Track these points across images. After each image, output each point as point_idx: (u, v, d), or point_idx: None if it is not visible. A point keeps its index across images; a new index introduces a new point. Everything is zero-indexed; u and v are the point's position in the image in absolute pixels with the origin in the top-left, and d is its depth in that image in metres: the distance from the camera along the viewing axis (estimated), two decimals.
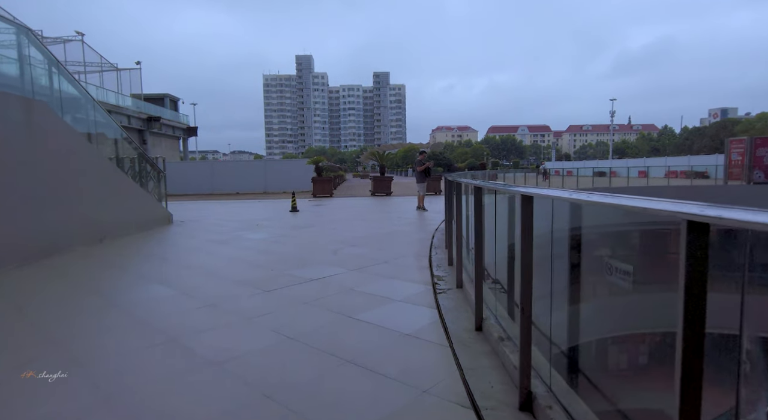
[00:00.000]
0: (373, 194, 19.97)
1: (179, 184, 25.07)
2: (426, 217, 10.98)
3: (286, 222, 10.41)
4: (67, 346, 3.16)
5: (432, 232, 8.50)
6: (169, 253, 6.89)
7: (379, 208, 13.82)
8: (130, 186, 8.83)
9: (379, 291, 4.41)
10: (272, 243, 7.40)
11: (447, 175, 6.93)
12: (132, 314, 3.83)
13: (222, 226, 9.77)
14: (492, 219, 3.58)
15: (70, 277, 5.23)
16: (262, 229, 9.07)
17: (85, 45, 32.90)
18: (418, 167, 12.46)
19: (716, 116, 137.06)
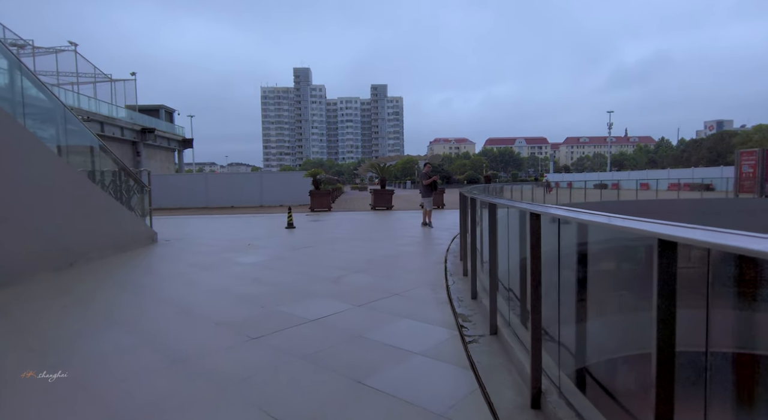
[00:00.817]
0: (374, 208, 19.13)
1: (173, 198, 24.21)
2: (434, 235, 10.12)
3: (281, 241, 9.53)
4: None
5: (443, 253, 7.63)
6: (145, 281, 5.99)
7: (381, 225, 12.97)
8: (106, 202, 7.95)
9: (394, 338, 3.53)
10: (264, 269, 6.51)
11: (466, 192, 6.10)
12: (67, 383, 2.93)
13: (210, 246, 8.88)
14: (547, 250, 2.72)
15: (10, 318, 4.32)
16: (254, 251, 8.19)
17: (78, 55, 32.23)
18: (425, 180, 11.63)
19: (712, 128, 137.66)
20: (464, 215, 6.68)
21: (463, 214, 6.69)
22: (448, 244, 8.56)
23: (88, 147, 8.20)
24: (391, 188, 21.20)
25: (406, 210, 18.66)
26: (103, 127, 30.81)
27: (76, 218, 7.00)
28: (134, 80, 39.09)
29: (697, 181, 35.02)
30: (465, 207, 6.65)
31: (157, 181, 24.91)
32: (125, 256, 7.65)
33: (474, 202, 4.74)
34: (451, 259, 6.93)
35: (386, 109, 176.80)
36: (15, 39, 27.12)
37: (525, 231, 2.89)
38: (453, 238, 9.45)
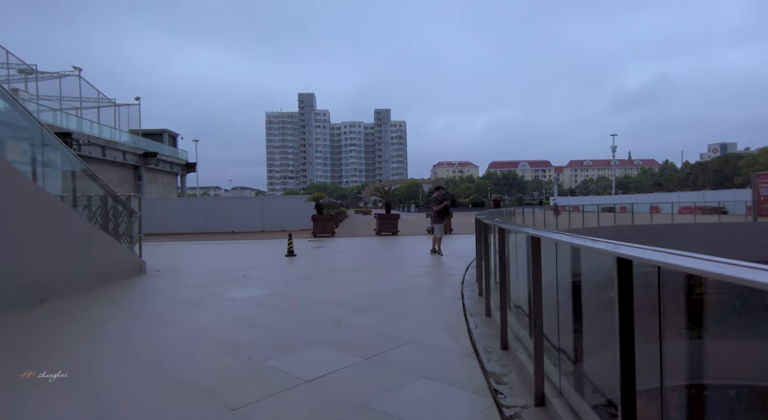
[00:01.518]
0: (378, 233, 18.39)
1: (172, 223, 23.59)
2: (445, 264, 9.34)
3: (279, 271, 8.77)
4: None
5: (457, 285, 6.86)
6: (119, 322, 5.22)
7: (387, 252, 12.21)
8: (87, 230, 7.25)
9: (410, 410, 2.75)
10: (258, 306, 5.75)
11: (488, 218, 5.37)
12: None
13: (202, 278, 8.14)
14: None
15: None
16: (249, 283, 7.43)
17: (82, 80, 32.27)
18: (435, 206, 10.92)
19: (716, 151, 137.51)
20: (484, 244, 5.95)
21: (485, 243, 5.95)
22: (463, 275, 7.78)
23: (69, 171, 7.56)
24: (396, 213, 20.50)
25: (412, 235, 17.91)
26: (105, 151, 30.53)
27: (49, 248, 6.30)
28: (138, 105, 39.14)
29: (709, 204, 34.20)
30: (484, 234, 5.91)
31: (157, 206, 24.36)
32: (106, 291, 6.90)
33: (504, 233, 4.01)
34: (469, 294, 6.15)
35: (389, 133, 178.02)
36: (19, 64, 27.14)
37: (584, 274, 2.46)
38: (467, 267, 8.68)
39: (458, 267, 8.82)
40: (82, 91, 33.19)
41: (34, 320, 5.17)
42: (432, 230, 18.32)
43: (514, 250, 4.03)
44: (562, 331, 2.85)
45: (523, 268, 3.89)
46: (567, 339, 2.84)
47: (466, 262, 9.49)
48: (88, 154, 28.74)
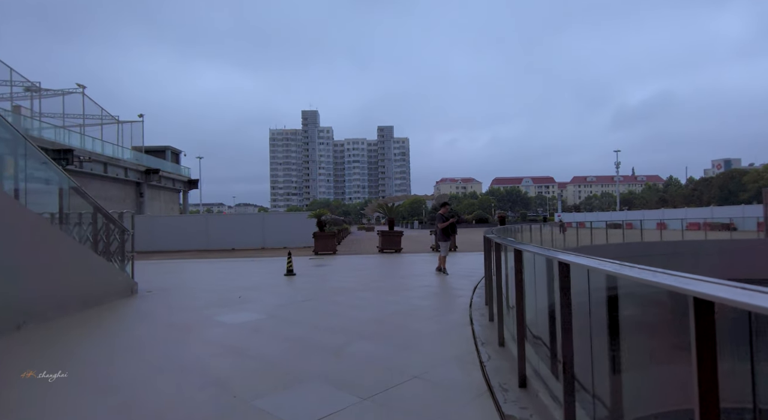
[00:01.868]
0: (381, 251, 17.95)
1: (172, 240, 23.25)
2: (451, 284, 8.89)
3: (277, 292, 8.34)
4: None
5: (465, 308, 6.41)
6: (97, 352, 4.79)
7: (390, 270, 11.76)
8: (72, 250, 6.87)
9: None
10: (250, 332, 5.31)
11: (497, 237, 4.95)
12: None
13: (195, 299, 7.71)
14: None
15: None
16: (243, 305, 7.00)
17: (85, 97, 32.36)
18: (440, 223, 10.53)
19: (720, 167, 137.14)
20: (495, 264, 5.53)
21: (496, 263, 5.53)
22: (470, 296, 7.33)
23: (56, 187, 7.21)
24: (400, 230, 20.07)
25: (416, 253, 17.46)
26: (107, 167, 30.42)
27: (29, 269, 5.91)
28: (141, 122, 39.23)
29: (718, 220, 33.64)
30: (495, 254, 5.49)
31: (156, 223, 24.07)
32: (90, 315, 6.48)
33: (520, 254, 3.59)
34: (479, 319, 5.70)
35: (392, 149, 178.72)
36: (23, 81, 27.22)
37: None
38: (474, 287, 8.23)
39: (465, 287, 8.37)
40: (86, 108, 33.29)
41: (3, 348, 4.76)
42: (437, 247, 17.83)
43: (530, 271, 3.62)
44: (596, 372, 2.42)
45: (542, 293, 3.48)
46: (602, 381, 2.41)
47: (473, 281, 9.04)
48: (90, 171, 28.63)
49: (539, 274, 3.46)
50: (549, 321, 3.19)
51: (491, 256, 5.88)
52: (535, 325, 3.65)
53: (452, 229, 10.64)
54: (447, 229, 10.40)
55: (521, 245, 3.50)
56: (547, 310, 3.31)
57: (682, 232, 22.35)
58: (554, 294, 2.83)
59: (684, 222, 35.28)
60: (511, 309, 4.34)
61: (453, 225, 10.58)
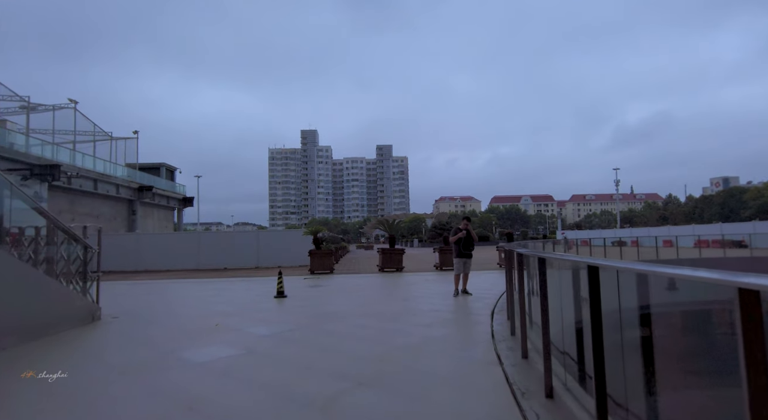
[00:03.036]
0: (382, 270, 16.77)
1: (161, 259, 22.05)
2: (464, 308, 7.73)
3: (262, 318, 7.17)
4: None
5: (487, 339, 5.27)
6: (13, 408, 3.63)
7: (393, 292, 10.60)
8: (14, 271, 5.74)
9: None
10: (217, 377, 4.15)
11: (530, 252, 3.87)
12: None
13: (164, 328, 6.55)
14: None
15: None
16: (219, 335, 5.84)
17: (77, 113, 31.55)
18: (452, 237, 9.36)
19: (718, 185, 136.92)
20: (527, 286, 4.44)
21: (528, 284, 4.44)
22: (489, 323, 6.19)
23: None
24: (401, 247, 18.94)
25: (419, 272, 16.29)
26: (97, 184, 29.39)
27: None
28: (136, 138, 38.40)
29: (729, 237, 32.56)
30: (527, 271, 4.40)
31: (144, 241, 22.90)
32: (27, 350, 5.30)
33: (595, 271, 2.48)
34: (507, 354, 4.55)
35: (391, 168, 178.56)
36: (11, 96, 26.42)
37: None
38: (492, 311, 7.09)
39: (481, 311, 7.22)
40: (78, 124, 32.42)
41: None
42: (441, 266, 16.63)
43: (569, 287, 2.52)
44: None
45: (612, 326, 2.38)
46: None
47: (488, 304, 7.90)
48: (79, 188, 27.60)
49: (611, 299, 2.37)
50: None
51: (519, 275, 4.79)
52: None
53: (468, 244, 9.19)
54: (461, 243, 9.15)
55: (602, 261, 2.40)
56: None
57: (699, 250, 21.21)
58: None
59: (684, 239, 34.30)
60: (564, 355, 3.23)
61: (469, 239, 9.21)
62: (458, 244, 9.16)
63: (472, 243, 9.18)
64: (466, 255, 9.10)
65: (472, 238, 9.19)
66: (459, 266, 9.16)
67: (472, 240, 9.20)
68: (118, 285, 14.08)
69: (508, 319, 6.04)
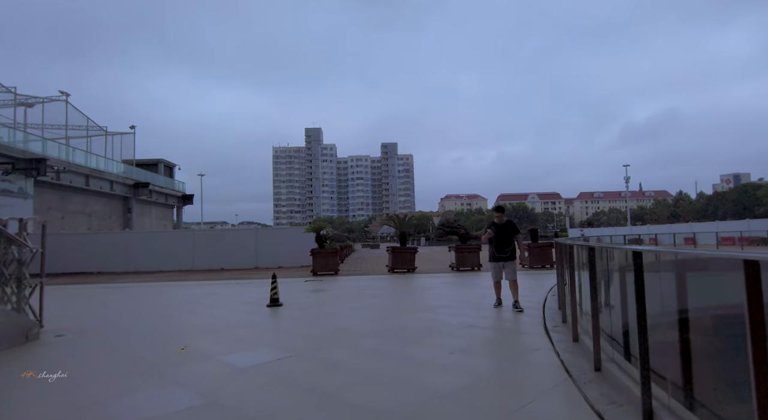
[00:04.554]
0: (392, 270, 15.09)
1: (153, 259, 20.47)
2: (502, 320, 6.01)
3: (243, 341, 5.48)
4: None
5: (554, 370, 3.57)
6: None
7: (410, 299, 8.91)
8: None
9: None
10: None
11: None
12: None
13: (112, 354, 4.89)
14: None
15: None
16: (175, 370, 4.18)
17: (69, 106, 30.04)
18: (483, 236, 7.43)
19: (729, 182, 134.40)
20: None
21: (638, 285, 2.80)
22: (549, 346, 4.49)
23: None
24: (414, 246, 17.23)
25: (433, 273, 14.59)
26: (89, 180, 27.85)
27: None
28: (133, 134, 36.91)
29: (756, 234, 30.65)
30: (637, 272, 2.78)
31: (134, 240, 21.31)
32: None
33: None
34: (598, 397, 2.85)
35: (396, 166, 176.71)
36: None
37: None
38: (543, 325, 5.39)
39: (529, 326, 5.52)
40: (71, 117, 30.94)
41: None
42: (457, 267, 14.90)
43: None
44: None
45: None
46: None
47: (532, 315, 6.21)
48: (69, 183, 26.06)
49: None
50: None
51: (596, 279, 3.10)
52: None
53: (501, 244, 7.07)
54: (496, 242, 7.12)
55: None
56: None
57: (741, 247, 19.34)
58: None
59: (707, 236, 32.35)
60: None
61: (504, 237, 7.09)
62: (491, 244, 7.22)
63: (510, 240, 7.09)
64: (502, 257, 7.06)
65: (508, 233, 7.11)
66: (495, 272, 7.18)
67: (510, 237, 7.11)
68: (96, 290, 12.49)
69: (560, 308, 4.41)
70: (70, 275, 18.84)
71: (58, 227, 25.37)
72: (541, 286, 9.69)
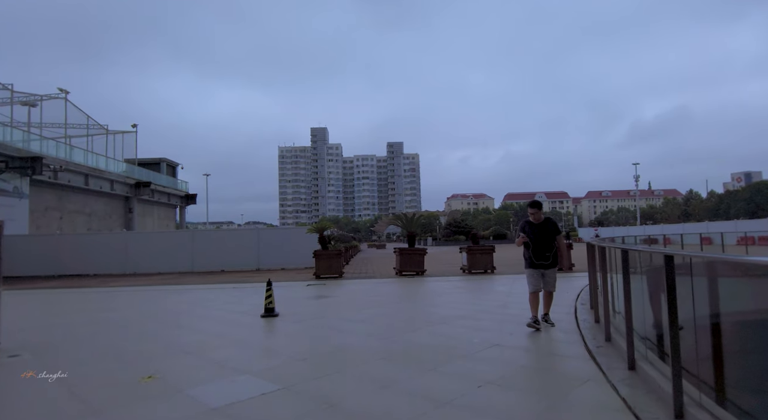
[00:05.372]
0: (400, 273, 14.18)
1: (151, 261, 19.70)
2: (538, 339, 5.06)
3: (224, 365, 4.57)
4: None
5: (615, 413, 2.63)
6: None
7: (422, 308, 7.99)
8: None
9: None
10: None
11: None
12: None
13: (61, 385, 4.02)
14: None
15: None
16: (128, 413, 3.30)
17: (68, 103, 29.40)
18: (518, 239, 5.93)
19: (740, 180, 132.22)
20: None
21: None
22: (598, 373, 3.55)
23: None
24: (423, 247, 16.31)
25: (444, 276, 13.66)
26: (88, 179, 27.16)
27: None
28: (135, 132, 36.25)
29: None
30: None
31: (132, 241, 20.54)
32: None
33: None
34: None
35: (402, 165, 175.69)
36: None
37: None
38: (584, 345, 4.45)
39: (567, 349, 4.59)
40: (71, 116, 30.30)
41: None
42: (469, 269, 13.89)
43: None
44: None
45: None
46: None
47: (567, 332, 5.27)
48: (67, 183, 25.40)
49: None
50: None
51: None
52: None
53: (539, 249, 5.69)
54: (532, 249, 5.74)
55: None
56: None
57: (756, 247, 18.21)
58: None
59: (725, 236, 31.05)
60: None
61: (544, 239, 5.70)
62: (527, 249, 5.84)
63: (551, 243, 5.72)
64: (542, 265, 5.70)
65: (548, 234, 5.72)
66: (533, 280, 5.74)
67: (550, 239, 5.73)
68: (82, 295, 11.70)
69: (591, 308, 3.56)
70: (65, 278, 18.11)
71: (56, 228, 24.72)
72: (564, 290, 8.72)
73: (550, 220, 5.89)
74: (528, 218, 5.95)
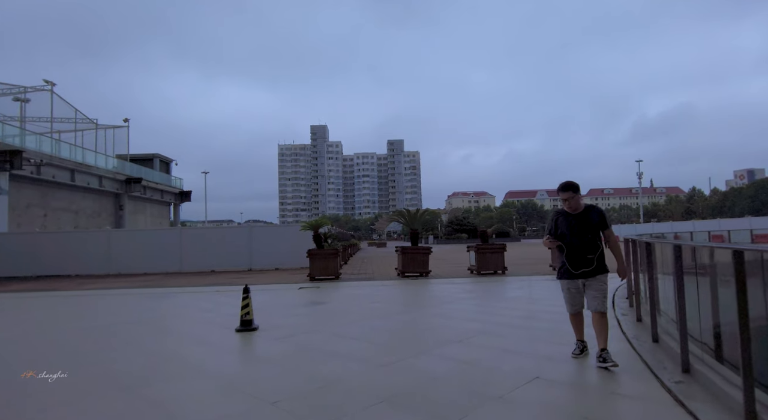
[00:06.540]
0: (402, 274, 12.94)
1: (136, 261, 18.43)
2: (583, 371, 3.81)
3: (167, 404, 3.34)
4: None
5: None
6: None
7: (430, 319, 6.72)
8: None
9: None
10: None
11: None
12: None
13: None
14: None
15: None
16: None
17: (55, 96, 28.12)
18: (546, 240, 4.20)
19: (742, 177, 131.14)
20: None
21: None
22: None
23: None
24: (428, 246, 15.07)
25: (451, 277, 12.41)
26: (74, 175, 25.90)
27: None
28: (126, 127, 34.99)
29: None
30: None
31: (115, 239, 19.23)
32: None
33: None
34: None
35: (403, 163, 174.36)
36: None
37: None
38: (650, 372, 3.20)
39: (629, 382, 3.34)
40: (57, 109, 29.01)
41: None
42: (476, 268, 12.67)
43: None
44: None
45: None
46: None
47: (623, 354, 4.02)
48: (51, 178, 24.15)
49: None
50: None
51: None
52: None
53: (576, 252, 3.96)
54: (567, 251, 4.02)
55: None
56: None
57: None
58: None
59: (734, 233, 29.89)
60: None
61: (589, 234, 3.95)
62: (561, 252, 4.11)
63: (595, 241, 3.99)
64: (583, 273, 3.99)
65: (590, 228, 3.98)
66: (570, 297, 4.13)
67: (594, 234, 4.00)
68: (42, 300, 10.45)
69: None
70: (42, 279, 16.84)
71: (40, 226, 23.50)
72: None
73: (594, 209, 4.10)
74: (561, 208, 4.21)
